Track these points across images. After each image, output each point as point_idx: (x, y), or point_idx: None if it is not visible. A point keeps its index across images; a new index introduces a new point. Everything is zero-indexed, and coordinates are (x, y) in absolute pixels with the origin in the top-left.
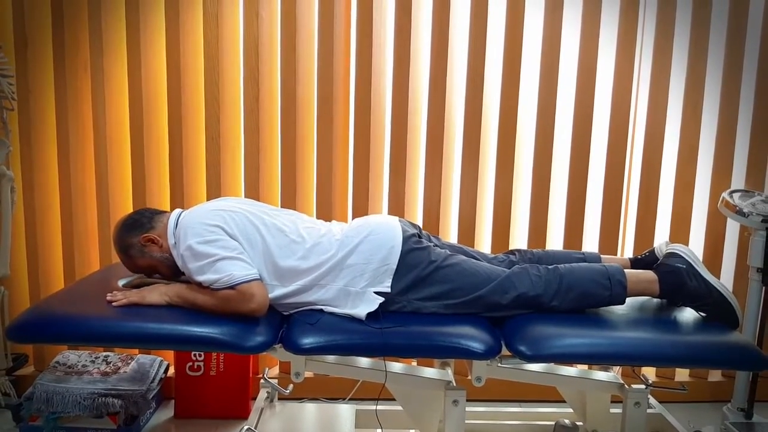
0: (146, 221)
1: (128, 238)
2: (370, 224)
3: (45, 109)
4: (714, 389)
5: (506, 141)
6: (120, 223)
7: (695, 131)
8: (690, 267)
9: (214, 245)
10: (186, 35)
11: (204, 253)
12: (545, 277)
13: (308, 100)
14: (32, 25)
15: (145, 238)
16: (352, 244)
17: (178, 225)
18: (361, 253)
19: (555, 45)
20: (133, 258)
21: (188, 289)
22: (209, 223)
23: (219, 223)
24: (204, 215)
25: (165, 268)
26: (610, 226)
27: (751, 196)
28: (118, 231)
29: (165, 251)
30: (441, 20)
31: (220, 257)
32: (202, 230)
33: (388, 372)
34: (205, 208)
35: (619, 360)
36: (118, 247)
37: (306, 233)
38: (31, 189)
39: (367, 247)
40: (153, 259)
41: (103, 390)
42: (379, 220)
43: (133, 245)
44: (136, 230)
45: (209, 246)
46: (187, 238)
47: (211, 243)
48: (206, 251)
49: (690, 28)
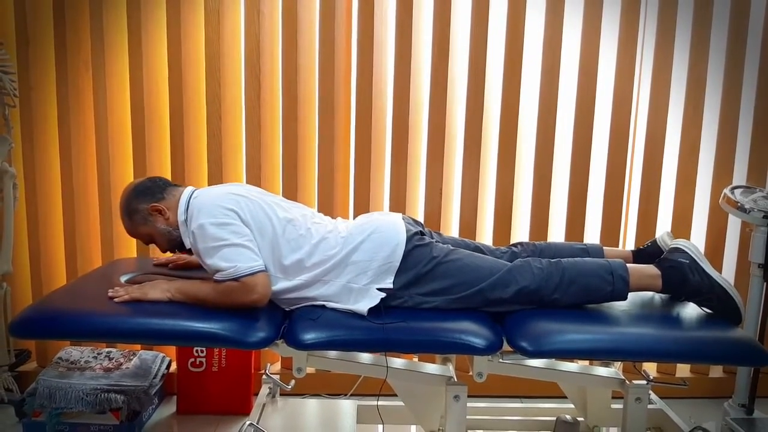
0: (158, 191)
1: (136, 202)
2: (374, 222)
3: (47, 105)
4: (715, 385)
5: (508, 136)
6: (132, 186)
7: (697, 127)
8: (693, 262)
9: (226, 229)
10: (187, 32)
11: (214, 236)
12: (547, 270)
13: (310, 97)
14: (34, 22)
15: (153, 207)
16: (356, 242)
17: (191, 202)
18: (364, 251)
19: (556, 41)
20: (135, 223)
21: (190, 284)
22: (224, 205)
23: (234, 207)
24: (220, 197)
25: (164, 240)
26: (612, 223)
27: (752, 192)
28: (128, 193)
29: (170, 225)
30: (442, 17)
31: (230, 243)
32: (217, 212)
33: (389, 367)
34: (221, 190)
35: (620, 356)
36: (124, 209)
37: (314, 229)
38: (33, 185)
39: (371, 245)
40: (154, 230)
41: (106, 386)
42: (383, 218)
43: (139, 211)
44: (147, 197)
45: (221, 229)
46: (200, 216)
47: (223, 226)
48: (217, 234)
49: (691, 25)
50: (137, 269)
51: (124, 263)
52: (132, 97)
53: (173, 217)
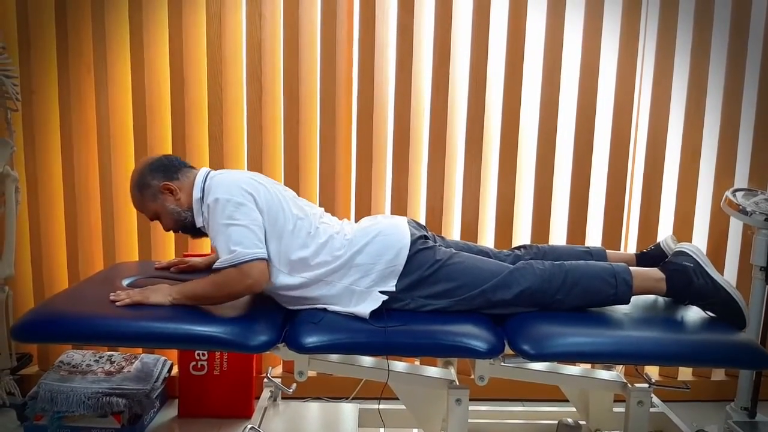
0: (173, 170)
1: (150, 178)
2: (379, 225)
3: (48, 109)
4: (717, 388)
5: (509, 138)
6: (148, 161)
7: (698, 130)
8: (697, 265)
9: (240, 210)
10: (188, 35)
11: (227, 213)
12: (549, 272)
13: (311, 99)
14: (36, 26)
15: (165, 186)
16: (360, 244)
17: (209, 181)
18: (368, 254)
19: (557, 46)
20: (144, 198)
21: (189, 284)
22: (243, 187)
23: (251, 191)
24: (241, 179)
25: (170, 219)
26: (613, 225)
27: (754, 194)
28: (142, 167)
29: (180, 205)
30: (444, 19)
31: (240, 224)
32: (235, 191)
33: (391, 371)
34: (242, 174)
35: (621, 359)
36: (136, 182)
37: (322, 229)
38: (35, 189)
39: (375, 248)
40: (162, 208)
41: (107, 389)
42: (388, 221)
43: (150, 186)
44: (160, 174)
45: (235, 208)
46: (218, 192)
47: (238, 206)
48: (230, 212)
49: (692, 27)
50: (139, 273)
51: (126, 267)
52: (134, 100)
53: (184, 198)
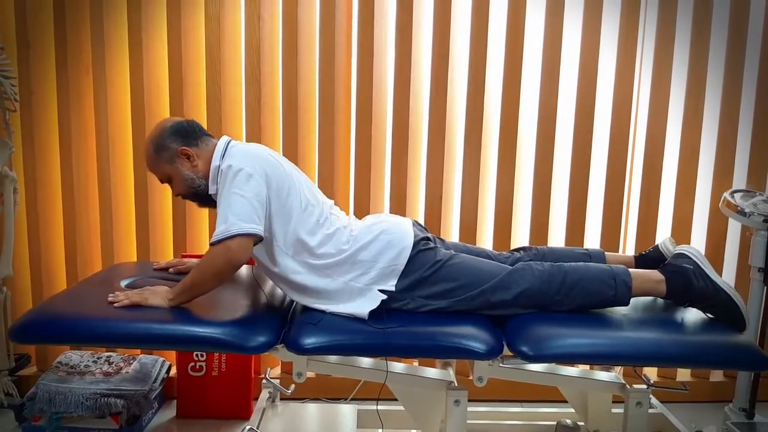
0: (193, 136)
1: (169, 140)
2: (384, 224)
3: (47, 110)
4: (716, 389)
5: (508, 139)
6: (169, 122)
7: (696, 131)
8: (697, 267)
9: (248, 182)
10: (187, 36)
11: (235, 182)
12: (548, 273)
13: (310, 101)
14: (34, 26)
15: (183, 151)
16: (364, 241)
17: (229, 148)
18: (371, 251)
19: (556, 47)
20: (160, 160)
21: (182, 280)
22: (259, 161)
23: (266, 166)
24: (259, 153)
25: (182, 185)
26: (612, 226)
27: (752, 196)
28: (162, 129)
29: (196, 172)
30: (442, 19)
31: (244, 196)
32: (249, 162)
33: (390, 372)
34: (262, 148)
35: (620, 360)
36: (155, 142)
37: (331, 220)
38: (34, 190)
39: (378, 246)
40: (177, 172)
41: (106, 390)
42: (393, 221)
43: (168, 149)
44: (180, 138)
45: (244, 180)
46: (233, 159)
47: (248, 178)
48: (238, 182)
49: (691, 29)
50: (137, 273)
51: (125, 267)
52: (132, 101)
53: (201, 165)
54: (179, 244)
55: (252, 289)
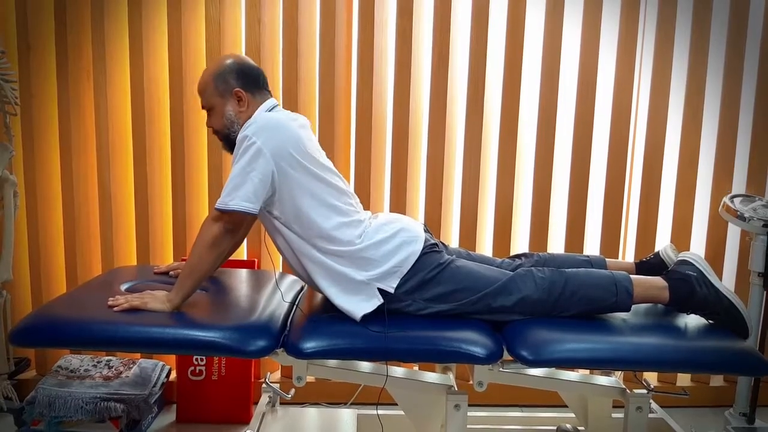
0: (255, 85)
1: (231, 76)
2: (396, 225)
3: (48, 113)
4: (716, 394)
5: (507, 145)
6: (240, 60)
7: (696, 136)
8: (700, 274)
9: (257, 159)
10: (188, 40)
11: (246, 156)
12: (549, 280)
13: (310, 106)
14: (35, 30)
15: (238, 92)
16: (374, 239)
17: (263, 113)
18: (379, 250)
19: (555, 52)
20: (214, 88)
21: (182, 270)
22: (277, 139)
23: (281, 145)
24: (291, 133)
25: (220, 121)
26: (612, 231)
27: (752, 200)
28: (231, 62)
29: (239, 117)
30: (442, 24)
31: (248, 170)
32: (266, 138)
33: (390, 376)
34: (294, 128)
35: (620, 365)
36: (217, 72)
37: (347, 209)
38: (34, 193)
39: (386, 247)
40: (222, 108)
41: (105, 394)
42: (406, 223)
43: (227, 83)
44: (242, 80)
45: (253, 156)
46: (253, 128)
47: (257, 154)
48: (248, 156)
49: (690, 33)
50: (137, 277)
51: (125, 271)
52: (133, 104)
53: (245, 113)
54: (179, 247)
55: (252, 294)
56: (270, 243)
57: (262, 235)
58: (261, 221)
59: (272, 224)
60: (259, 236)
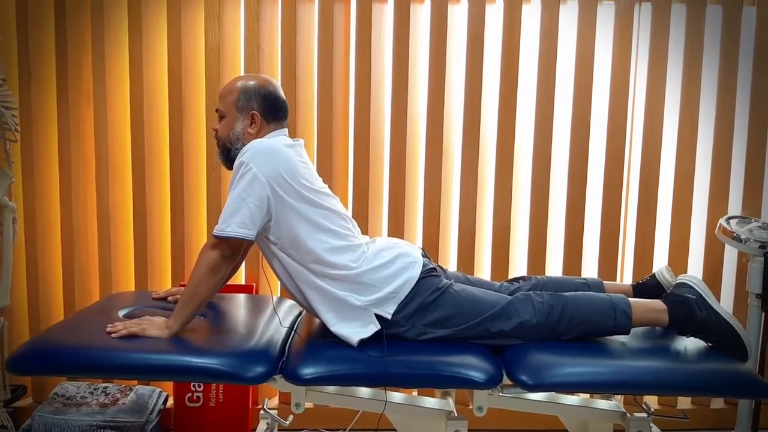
0: (274, 115)
1: (255, 98)
2: (395, 250)
3: (47, 140)
4: (716, 417)
5: (504, 167)
6: (271, 87)
7: (691, 158)
8: (700, 297)
9: (252, 185)
10: (188, 67)
11: (242, 182)
12: (548, 304)
13: (308, 132)
14: (36, 57)
15: (254, 115)
16: (372, 265)
17: (261, 140)
18: (377, 275)
19: (550, 76)
20: (234, 100)
21: (180, 296)
22: (271, 165)
23: (275, 172)
24: (284, 158)
25: (227, 134)
26: (609, 251)
27: (748, 222)
28: (262, 86)
29: (245, 136)
30: (438, 50)
31: (244, 198)
32: (261, 164)
33: (388, 402)
34: (285, 152)
35: (620, 388)
36: (247, 88)
37: (345, 233)
38: (33, 220)
39: (385, 273)
40: (233, 122)
41: (102, 422)
42: (404, 248)
43: (250, 101)
44: (265, 106)
45: (251, 183)
46: (249, 154)
47: (253, 180)
48: (244, 183)
49: (683, 52)
50: (136, 303)
51: (123, 297)
52: (132, 131)
53: (253, 136)
54: (178, 273)
55: (249, 319)
56: (268, 267)
57: (260, 260)
58: (258, 246)
59: (269, 249)
60: (257, 261)
